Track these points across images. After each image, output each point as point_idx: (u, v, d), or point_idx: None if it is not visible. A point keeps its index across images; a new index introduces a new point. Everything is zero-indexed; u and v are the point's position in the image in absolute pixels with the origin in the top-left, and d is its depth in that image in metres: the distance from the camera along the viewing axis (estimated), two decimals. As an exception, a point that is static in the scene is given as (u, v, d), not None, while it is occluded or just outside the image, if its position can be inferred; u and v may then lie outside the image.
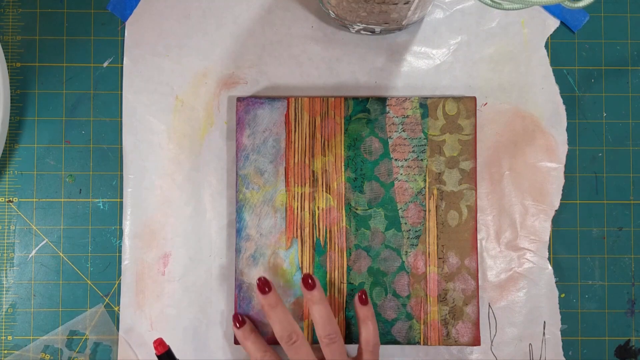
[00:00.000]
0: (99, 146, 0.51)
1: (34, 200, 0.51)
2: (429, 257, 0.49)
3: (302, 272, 0.49)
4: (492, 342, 0.50)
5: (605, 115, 0.52)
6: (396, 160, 0.50)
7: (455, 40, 0.51)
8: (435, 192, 0.49)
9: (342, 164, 0.50)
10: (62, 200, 0.51)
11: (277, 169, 0.49)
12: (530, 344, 0.50)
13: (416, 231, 0.49)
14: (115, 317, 0.51)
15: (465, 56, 0.51)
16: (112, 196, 0.51)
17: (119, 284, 0.51)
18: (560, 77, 0.52)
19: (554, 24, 0.52)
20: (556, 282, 0.51)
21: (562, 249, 0.51)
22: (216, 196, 0.51)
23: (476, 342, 0.49)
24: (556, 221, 0.51)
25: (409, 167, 0.50)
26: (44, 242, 0.51)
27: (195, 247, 0.51)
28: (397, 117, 0.50)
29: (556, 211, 0.51)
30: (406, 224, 0.49)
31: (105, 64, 0.52)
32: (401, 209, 0.49)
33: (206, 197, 0.51)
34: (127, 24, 0.51)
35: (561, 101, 0.51)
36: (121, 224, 0.51)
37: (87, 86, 0.51)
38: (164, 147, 0.51)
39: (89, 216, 0.51)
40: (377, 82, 0.51)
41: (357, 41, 0.51)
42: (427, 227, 0.49)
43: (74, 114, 0.51)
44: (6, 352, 0.50)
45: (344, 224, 0.49)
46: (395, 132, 0.50)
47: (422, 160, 0.50)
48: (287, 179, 0.49)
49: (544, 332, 0.50)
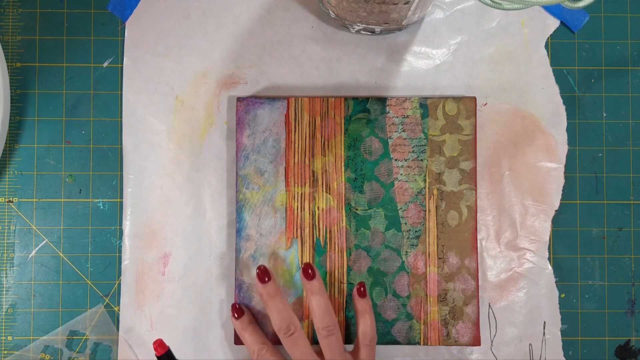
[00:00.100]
0: (99, 146, 0.51)
1: (34, 200, 0.51)
2: (429, 257, 0.49)
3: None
4: (492, 342, 0.50)
5: (605, 115, 0.52)
6: (396, 160, 0.50)
7: (455, 40, 0.51)
8: (435, 192, 0.49)
9: (342, 164, 0.50)
10: (62, 200, 0.51)
11: (277, 169, 0.49)
12: (530, 344, 0.50)
13: (416, 231, 0.49)
14: (115, 317, 0.51)
15: (465, 56, 0.51)
16: (112, 196, 0.51)
17: (119, 284, 0.51)
18: (560, 77, 0.52)
19: (554, 24, 0.52)
20: (556, 282, 0.51)
21: (562, 249, 0.51)
22: (216, 196, 0.51)
23: (476, 342, 0.49)
24: (556, 221, 0.51)
25: (409, 167, 0.50)
26: (44, 242, 0.51)
27: (195, 247, 0.51)
28: (397, 117, 0.50)
29: (556, 211, 0.51)
30: (406, 224, 0.49)
31: (105, 64, 0.52)
32: (401, 209, 0.49)
33: (206, 197, 0.51)
34: (127, 24, 0.51)
35: (561, 101, 0.51)
36: (121, 224, 0.51)
37: (87, 86, 0.51)
38: (164, 147, 0.51)
39: (89, 216, 0.51)
40: (377, 82, 0.51)
41: (357, 41, 0.51)
42: (427, 227, 0.49)
43: (74, 114, 0.51)
44: (6, 352, 0.50)
45: (344, 224, 0.49)
46: (395, 132, 0.50)
47: (422, 160, 0.50)
48: (287, 179, 0.49)
49: (544, 332, 0.50)
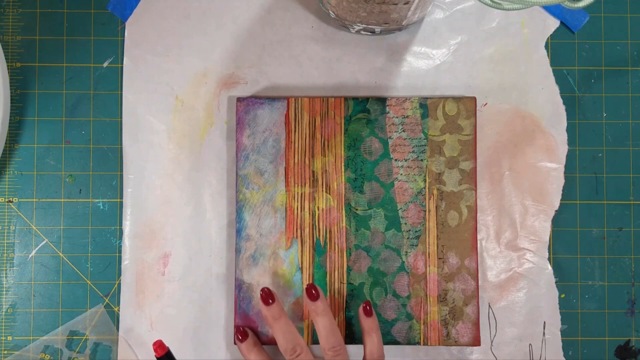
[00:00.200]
0: (99, 146, 0.51)
1: (34, 200, 0.51)
2: (429, 257, 0.49)
3: (302, 272, 0.49)
4: (492, 342, 0.50)
5: (605, 115, 0.52)
6: (396, 160, 0.50)
7: (455, 40, 0.51)
8: (435, 192, 0.49)
9: (342, 164, 0.50)
10: (62, 200, 0.51)
11: (277, 169, 0.49)
12: (530, 344, 0.50)
13: (416, 231, 0.49)
14: (115, 317, 0.51)
15: (465, 56, 0.51)
16: (112, 196, 0.51)
17: (119, 284, 0.51)
18: (560, 77, 0.52)
19: (554, 24, 0.52)
20: (556, 282, 0.51)
21: (562, 249, 0.51)
22: (216, 196, 0.51)
23: (476, 342, 0.49)
24: (556, 221, 0.51)
25: (409, 167, 0.50)
26: (44, 242, 0.51)
27: (195, 247, 0.51)
28: (397, 117, 0.50)
29: (556, 211, 0.51)
30: (406, 224, 0.49)
31: (105, 64, 0.52)
32: (401, 209, 0.49)
33: (206, 197, 0.51)
34: (127, 24, 0.51)
35: (561, 101, 0.51)
36: (121, 224, 0.51)
37: (87, 86, 0.51)
38: (164, 147, 0.51)
39: (89, 216, 0.51)
40: (377, 82, 0.51)
41: (357, 41, 0.51)
42: (427, 227, 0.49)
43: (74, 114, 0.51)
44: (6, 352, 0.50)
45: (344, 224, 0.49)
46: (395, 132, 0.50)
47: (422, 160, 0.50)
48: (287, 179, 0.49)
49: (544, 332, 0.50)
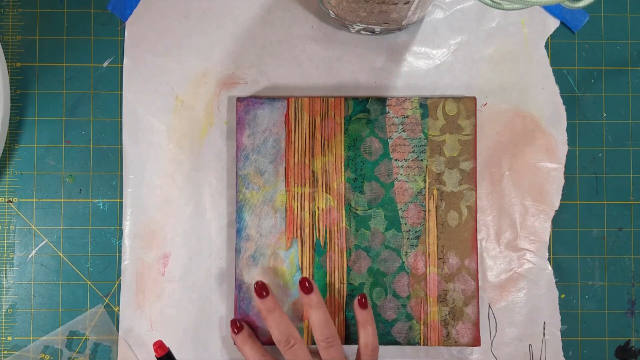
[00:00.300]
0: (99, 146, 0.51)
1: (34, 200, 0.51)
2: (429, 257, 0.49)
3: (302, 272, 0.49)
4: (492, 343, 0.50)
5: (605, 115, 0.52)
6: (396, 160, 0.50)
7: (455, 40, 0.51)
8: (435, 192, 0.49)
9: (342, 164, 0.50)
10: (62, 200, 0.51)
11: (277, 169, 0.49)
12: (530, 345, 0.50)
13: (416, 231, 0.49)
14: (115, 318, 0.51)
15: (465, 56, 0.51)
16: (112, 196, 0.51)
17: (119, 284, 0.51)
18: (560, 77, 0.52)
19: (554, 24, 0.52)
20: (556, 283, 0.51)
21: (562, 249, 0.51)
22: (216, 196, 0.51)
23: (476, 342, 0.49)
24: (556, 221, 0.51)
25: (409, 167, 0.49)
26: (44, 242, 0.51)
27: (195, 247, 0.51)
28: (397, 117, 0.50)
29: (556, 211, 0.51)
30: (406, 224, 0.49)
31: (105, 64, 0.52)
32: (401, 209, 0.49)
33: (206, 197, 0.51)
34: (127, 24, 0.51)
35: (561, 101, 0.51)
36: (121, 224, 0.51)
37: (87, 86, 0.51)
38: (164, 147, 0.51)
39: (89, 216, 0.51)
40: (377, 82, 0.51)
41: (357, 41, 0.51)
42: (427, 227, 0.49)
43: (74, 114, 0.51)
44: (6, 352, 0.50)
45: (344, 225, 0.49)
46: (395, 132, 0.50)
47: (422, 160, 0.50)
48: (287, 179, 0.49)
49: (544, 333, 0.50)
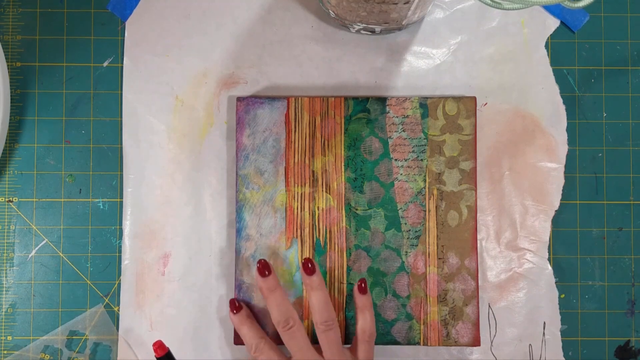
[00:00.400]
0: (99, 146, 0.51)
1: (34, 200, 0.51)
2: (429, 257, 0.49)
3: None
4: (492, 343, 0.50)
5: (605, 115, 0.52)
6: (396, 160, 0.50)
7: (455, 40, 0.51)
8: (435, 192, 0.49)
9: (342, 164, 0.50)
10: (62, 200, 0.51)
11: (277, 169, 0.49)
12: (530, 345, 0.50)
13: (416, 231, 0.49)
14: (115, 317, 0.51)
15: (465, 56, 0.51)
16: (112, 196, 0.51)
17: (119, 284, 0.51)
18: (560, 77, 0.52)
19: (554, 24, 0.52)
20: (556, 283, 0.51)
21: (562, 249, 0.51)
22: (216, 196, 0.51)
23: (476, 342, 0.49)
24: (556, 221, 0.51)
25: (409, 167, 0.49)
26: (44, 242, 0.51)
27: (195, 247, 0.51)
28: (397, 117, 0.50)
29: (556, 211, 0.51)
30: (406, 224, 0.49)
31: (105, 64, 0.52)
32: (401, 209, 0.49)
33: (206, 197, 0.51)
34: (127, 24, 0.51)
35: (561, 101, 0.51)
36: (121, 224, 0.51)
37: (87, 86, 0.51)
38: (164, 147, 0.51)
39: (89, 216, 0.51)
40: (377, 82, 0.51)
41: (357, 41, 0.51)
42: (427, 227, 0.49)
43: (74, 114, 0.51)
44: (6, 352, 0.50)
45: (344, 224, 0.49)
46: (395, 132, 0.50)
47: (422, 160, 0.50)
48: (287, 179, 0.49)
49: (544, 333, 0.50)
